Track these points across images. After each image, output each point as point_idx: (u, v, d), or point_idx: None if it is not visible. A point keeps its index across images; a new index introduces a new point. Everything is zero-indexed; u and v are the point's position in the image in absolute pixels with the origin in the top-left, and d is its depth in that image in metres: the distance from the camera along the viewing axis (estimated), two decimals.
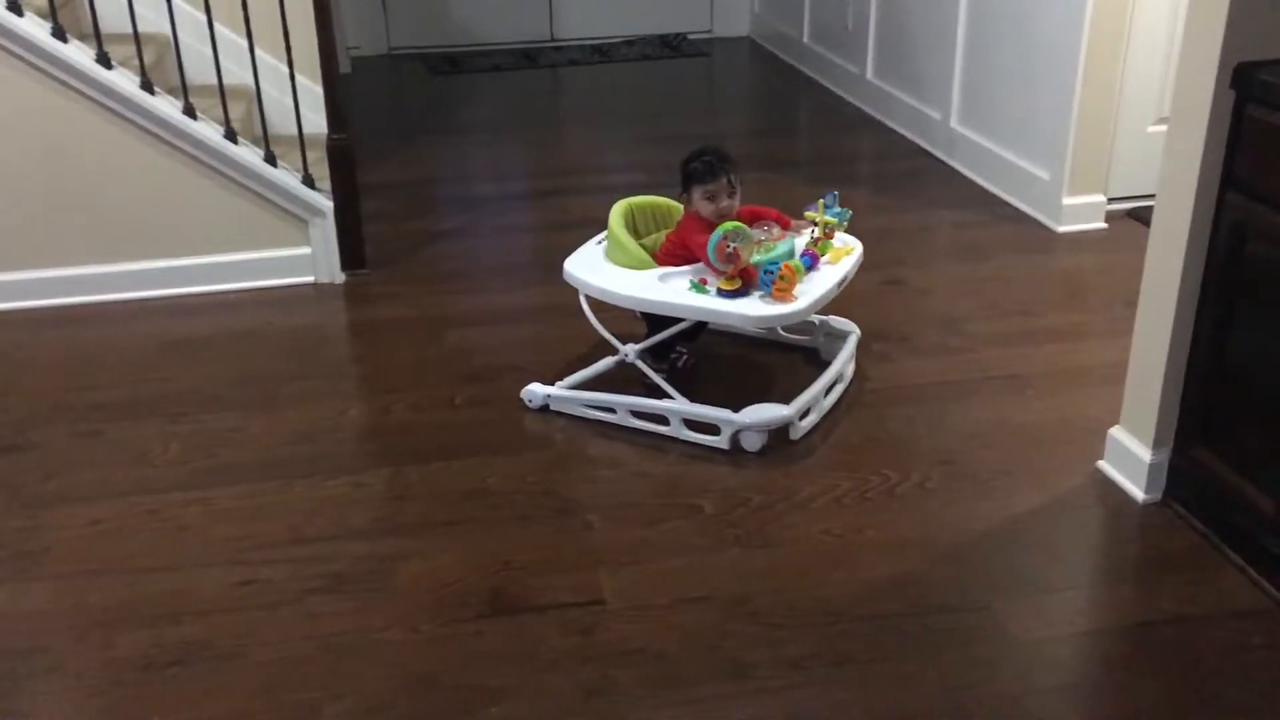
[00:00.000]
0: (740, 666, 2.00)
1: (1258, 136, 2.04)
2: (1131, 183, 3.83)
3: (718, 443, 2.62)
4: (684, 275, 2.63)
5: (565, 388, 2.79)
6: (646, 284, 2.63)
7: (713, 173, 2.66)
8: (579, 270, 2.75)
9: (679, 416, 2.66)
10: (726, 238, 2.47)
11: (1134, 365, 2.42)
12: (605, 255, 2.77)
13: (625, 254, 2.71)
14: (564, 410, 2.78)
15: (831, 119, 5.25)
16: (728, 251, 2.47)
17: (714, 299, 2.54)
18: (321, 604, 2.18)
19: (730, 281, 2.52)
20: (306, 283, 3.55)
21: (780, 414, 2.60)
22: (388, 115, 5.54)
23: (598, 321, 2.74)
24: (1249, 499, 2.13)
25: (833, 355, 2.91)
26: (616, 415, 2.72)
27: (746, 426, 2.59)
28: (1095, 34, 3.59)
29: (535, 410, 2.80)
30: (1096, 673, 2.02)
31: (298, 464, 2.62)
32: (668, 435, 2.67)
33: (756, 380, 2.91)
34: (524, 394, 2.81)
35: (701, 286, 2.57)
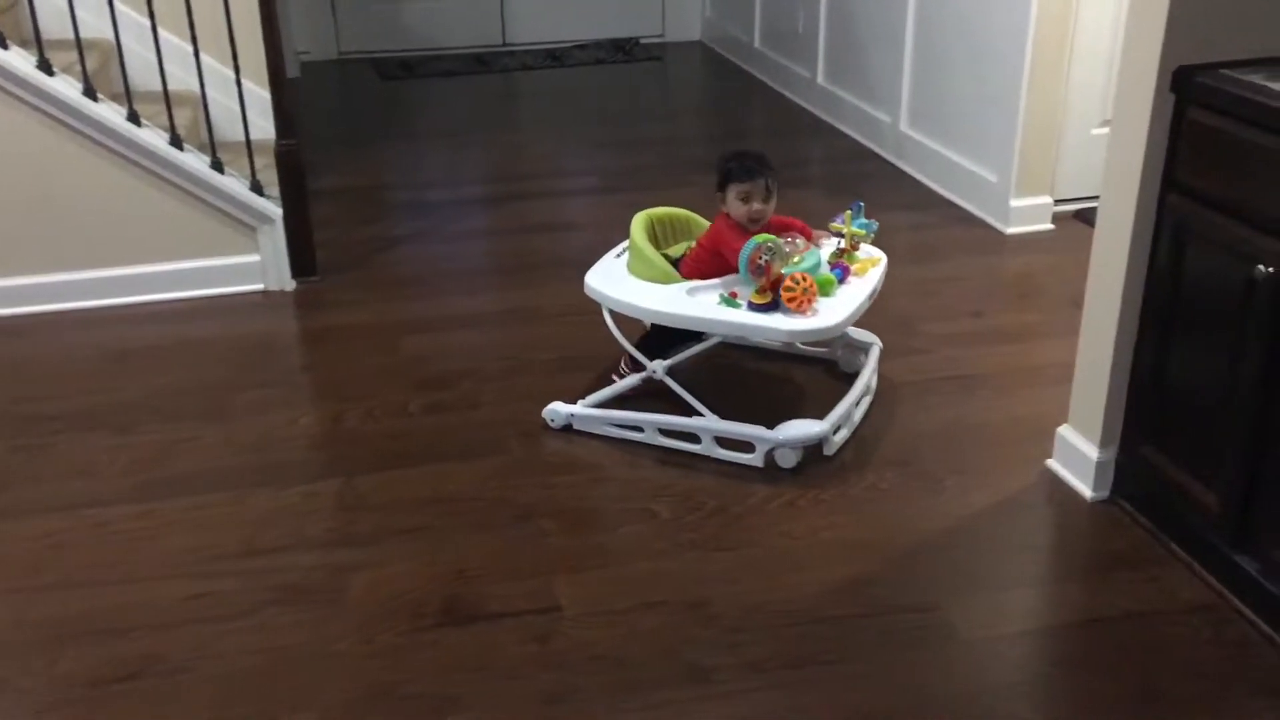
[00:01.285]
0: (699, 671, 2.01)
1: (1197, 139, 2.08)
2: (1077, 185, 3.90)
3: (751, 460, 2.55)
4: (713, 289, 2.55)
5: (588, 406, 2.70)
6: (675, 298, 2.54)
7: (750, 174, 2.58)
8: (602, 284, 2.65)
9: (711, 434, 2.58)
10: (759, 250, 2.41)
11: (1081, 365, 2.45)
12: (627, 268, 2.69)
13: (649, 267, 2.62)
14: (587, 430, 2.69)
15: (783, 122, 5.28)
16: (759, 264, 2.41)
17: (746, 313, 2.46)
18: (275, 616, 2.15)
19: (762, 295, 2.44)
20: (256, 290, 3.51)
21: (816, 430, 2.52)
22: (339, 120, 5.49)
23: (623, 337, 2.66)
24: (1194, 495, 2.17)
25: (852, 366, 2.89)
26: (644, 434, 2.64)
27: (783, 444, 2.52)
28: (1040, 39, 3.65)
29: (558, 429, 2.71)
30: (1048, 670, 2.05)
31: (249, 474, 2.59)
32: (699, 454, 2.59)
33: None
34: (546, 414, 2.72)
35: (732, 300, 2.49)
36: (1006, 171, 3.85)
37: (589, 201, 4.38)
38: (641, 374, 2.68)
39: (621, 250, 2.79)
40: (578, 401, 2.73)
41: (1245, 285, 1.98)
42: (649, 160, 4.75)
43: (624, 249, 2.78)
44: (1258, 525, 2.04)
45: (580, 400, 2.73)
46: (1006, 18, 3.75)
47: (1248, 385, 2.00)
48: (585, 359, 3.07)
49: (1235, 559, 2.10)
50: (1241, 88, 1.98)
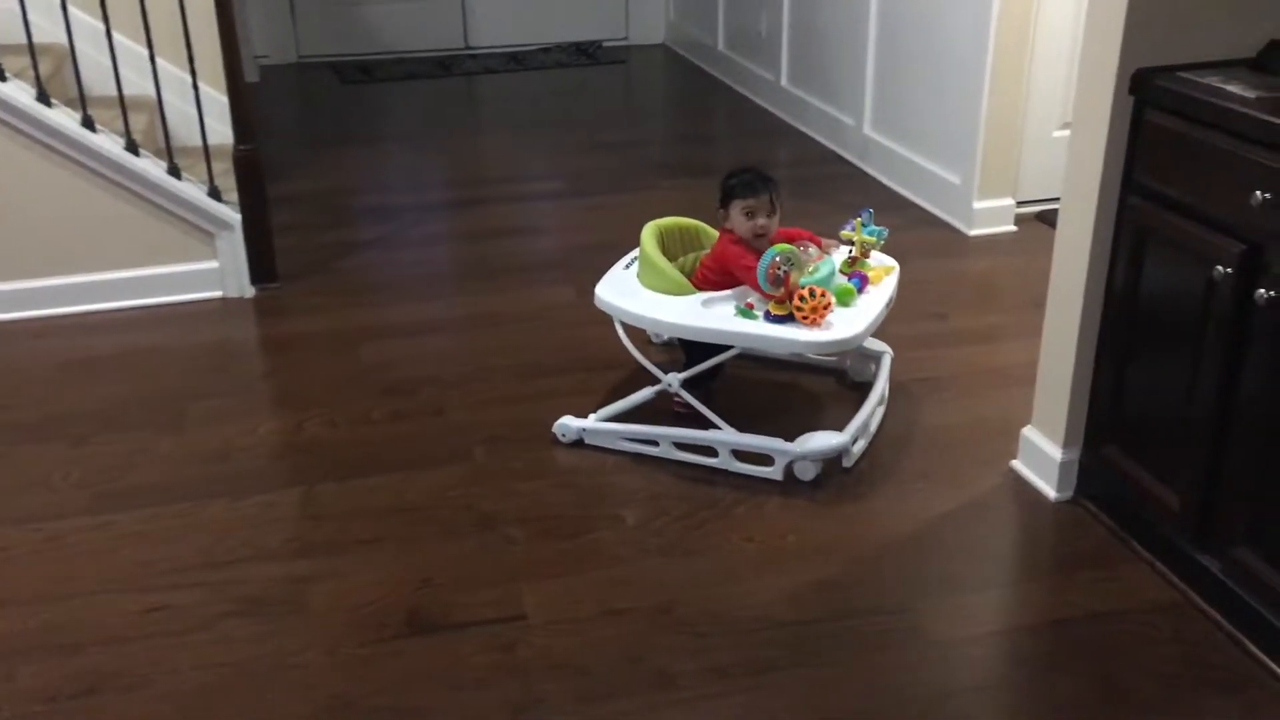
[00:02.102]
0: (666, 677, 1.99)
1: (1156, 141, 2.09)
2: (1039, 186, 3.92)
3: (770, 474, 2.51)
4: (728, 300, 2.51)
5: (600, 420, 2.65)
6: (689, 310, 2.50)
7: (754, 189, 2.55)
8: (613, 296, 2.61)
9: (728, 448, 2.54)
10: (777, 261, 2.37)
11: (1043, 365, 2.47)
12: (638, 279, 2.64)
13: (662, 279, 2.57)
14: (599, 444, 2.64)
15: (747, 125, 5.29)
16: (778, 274, 2.37)
17: (768, 325, 2.42)
18: (234, 629, 2.12)
19: (780, 306, 2.41)
20: (214, 298, 3.46)
21: (836, 442, 2.49)
22: (299, 125, 5.44)
23: (636, 350, 2.63)
24: (1155, 495, 2.19)
25: (862, 375, 2.87)
26: (659, 448, 2.59)
27: (802, 456, 2.49)
28: (1001, 42, 3.67)
29: (569, 445, 2.65)
30: (1013, 671, 2.06)
31: (207, 485, 2.55)
32: (716, 468, 2.54)
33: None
34: (556, 428, 2.66)
35: (749, 311, 2.45)
36: (969, 174, 3.87)
37: (552, 206, 4.36)
38: (656, 388, 2.64)
39: (630, 261, 2.74)
40: (589, 415, 2.67)
41: (1204, 286, 1.99)
42: (613, 164, 4.73)
43: (632, 260, 2.73)
44: (1218, 524, 2.06)
45: (592, 414, 2.67)
46: (968, 21, 3.77)
47: (1208, 385, 2.02)
48: (549, 364, 3.06)
49: (1196, 558, 2.12)
50: (1199, 90, 1.99)
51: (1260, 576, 1.96)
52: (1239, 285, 1.92)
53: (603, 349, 3.12)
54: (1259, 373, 1.92)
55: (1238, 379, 1.97)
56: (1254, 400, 1.93)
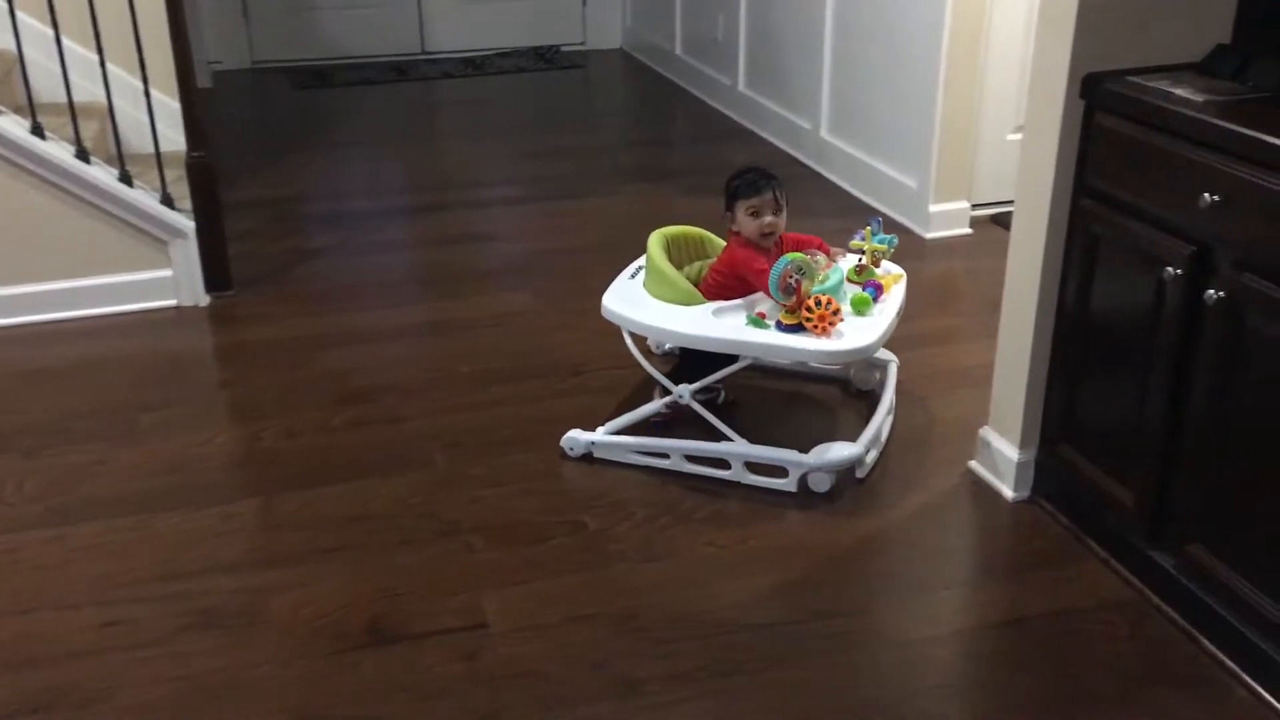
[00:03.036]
0: (629, 683, 1.99)
1: (1106, 144, 2.12)
2: (993, 189, 3.96)
3: (784, 485, 2.48)
4: (739, 309, 2.48)
5: (609, 433, 2.61)
6: (700, 320, 2.47)
7: (757, 187, 2.51)
8: (621, 307, 2.57)
9: (741, 460, 2.51)
10: (789, 269, 2.34)
11: (999, 367, 2.49)
12: (645, 289, 2.60)
13: (671, 288, 2.54)
14: (609, 457, 2.60)
15: (705, 130, 5.30)
16: (790, 283, 2.34)
17: (781, 335, 2.39)
18: (192, 642, 2.09)
19: (791, 315, 2.38)
20: (168, 306, 3.42)
21: (851, 453, 2.47)
22: (253, 131, 5.38)
23: (646, 361, 2.60)
24: (1110, 493, 2.22)
25: (866, 384, 2.86)
26: (670, 461, 2.55)
27: (817, 468, 2.46)
28: (954, 47, 3.71)
29: (576, 459, 2.61)
30: (974, 670, 2.08)
31: (163, 496, 2.51)
32: (729, 480, 2.51)
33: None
34: (564, 442, 2.61)
35: (760, 321, 2.43)
36: (925, 177, 3.91)
37: (511, 211, 4.34)
38: (666, 399, 2.62)
39: (635, 271, 2.70)
40: (598, 429, 2.62)
41: (1155, 287, 2.02)
42: (571, 169, 4.73)
43: (637, 269, 2.70)
44: (1172, 522, 2.09)
45: (600, 427, 2.62)
46: (922, 26, 3.81)
47: (1160, 385, 2.05)
48: (510, 370, 3.05)
49: (1151, 555, 2.15)
50: (1148, 94, 2.02)
51: (1213, 573, 1.99)
52: (1189, 286, 1.95)
53: (564, 354, 3.13)
54: (1209, 372, 1.95)
55: (1189, 378, 2.00)
56: (1205, 399, 1.97)
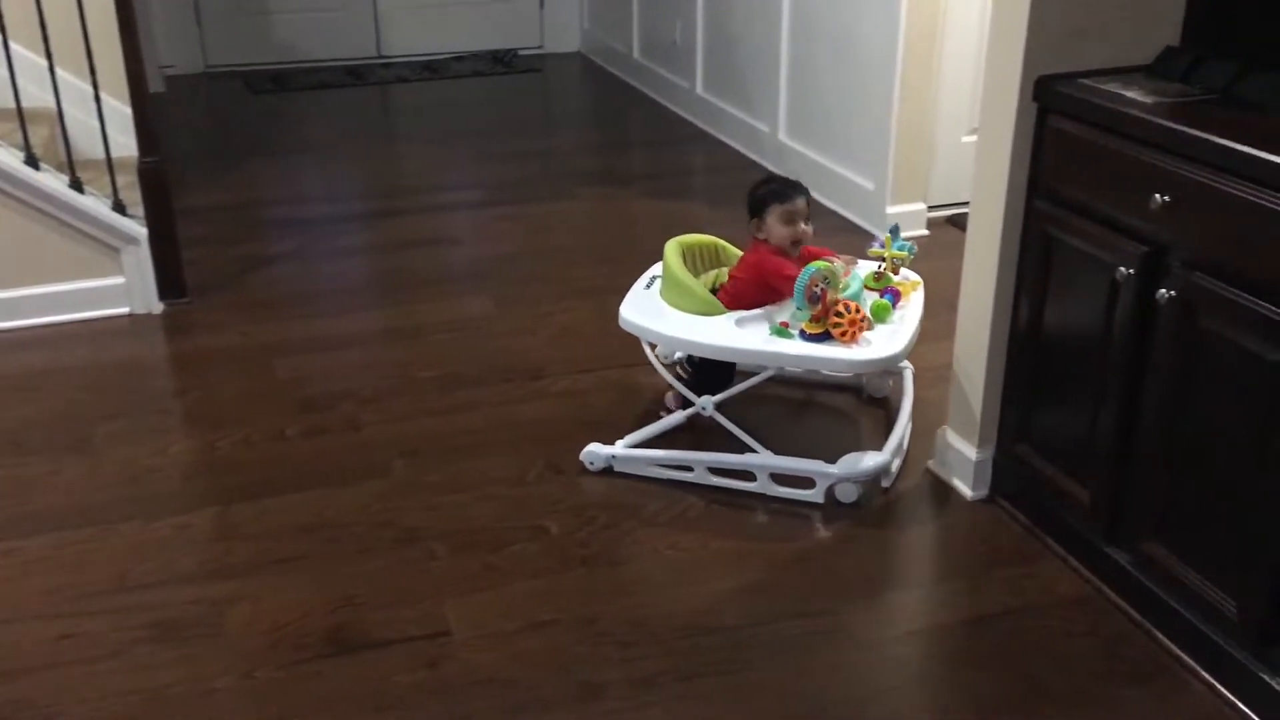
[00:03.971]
0: (592, 688, 1.98)
1: (1059, 146, 2.15)
2: (949, 191, 4.00)
3: (811, 496, 2.46)
4: (760, 319, 2.45)
5: (629, 446, 2.57)
6: (724, 330, 2.43)
7: (791, 194, 2.50)
8: (640, 317, 2.52)
9: (767, 471, 2.48)
10: (816, 278, 2.32)
11: (957, 367, 2.51)
12: (663, 299, 2.56)
13: (691, 298, 2.50)
14: (630, 471, 2.56)
15: (664, 133, 5.31)
16: (815, 292, 2.32)
17: (808, 345, 2.36)
18: (148, 655, 2.06)
19: (816, 324, 2.36)
20: (121, 314, 3.37)
21: (878, 462, 2.45)
22: (207, 136, 5.32)
23: (666, 372, 2.58)
24: (1067, 491, 2.24)
25: (880, 391, 2.86)
26: (694, 474, 2.52)
27: (846, 478, 2.44)
28: (909, 50, 3.74)
29: (596, 473, 2.57)
30: (935, 669, 2.09)
31: (117, 507, 2.48)
32: (754, 492, 2.49)
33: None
34: (584, 456, 2.57)
35: (784, 330, 2.40)
36: (882, 179, 3.93)
37: (469, 216, 4.33)
38: (688, 411, 2.59)
39: (650, 280, 2.66)
40: (616, 442, 2.58)
41: (1109, 287, 2.05)
42: (530, 173, 4.72)
43: (652, 279, 2.67)
44: (1128, 519, 2.12)
45: (619, 441, 2.59)
46: (877, 30, 3.84)
47: (1114, 383, 2.08)
48: (469, 376, 3.03)
49: (1107, 552, 2.17)
50: (1098, 96, 2.05)
51: (1168, 569, 2.02)
52: (1141, 286, 1.98)
53: (524, 359, 3.11)
54: (1162, 370, 1.97)
55: (1142, 377, 2.02)
56: (1159, 397, 1.99)
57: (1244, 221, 1.77)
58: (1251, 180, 1.75)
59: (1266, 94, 1.95)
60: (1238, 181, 1.77)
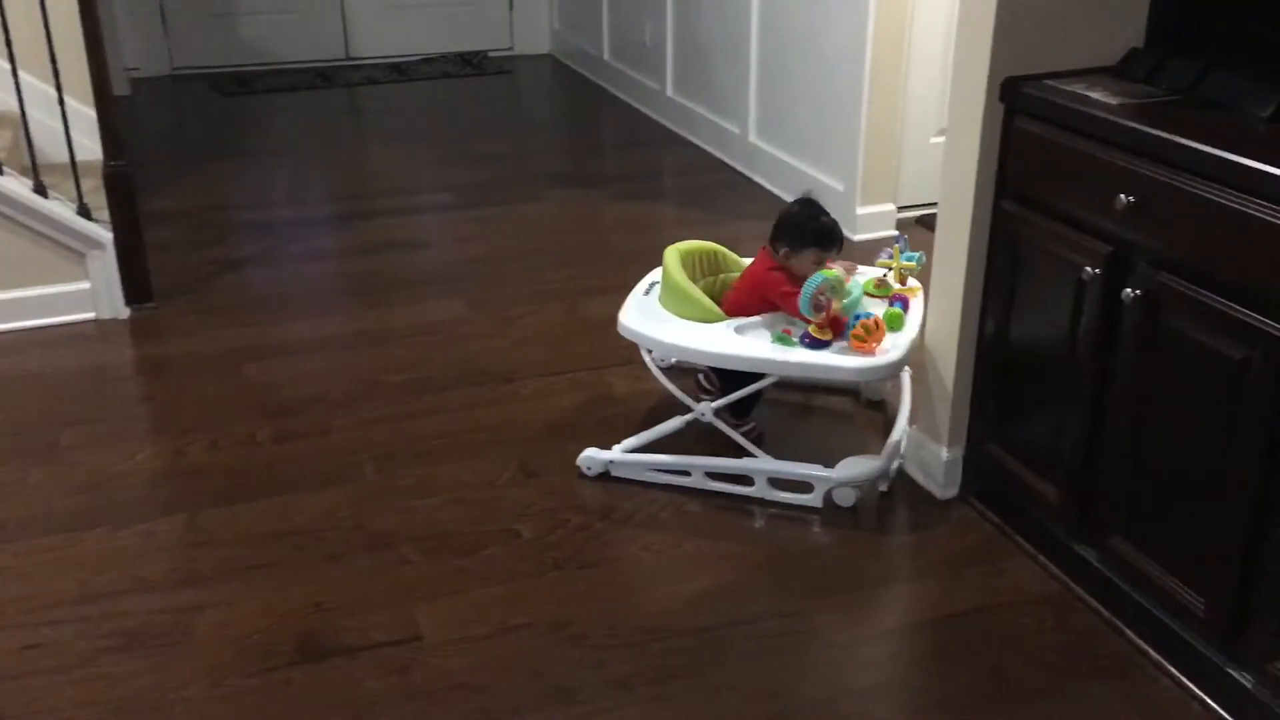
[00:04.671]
0: (564, 691, 1.98)
1: (1025, 146, 2.16)
2: (918, 192, 4.02)
3: (809, 500, 2.46)
4: (762, 327, 2.46)
5: (627, 451, 2.56)
6: (725, 338, 2.43)
7: (834, 245, 2.52)
8: (640, 325, 2.51)
9: (765, 476, 2.48)
10: (822, 287, 2.33)
11: (927, 366, 2.52)
12: (663, 306, 2.55)
13: (693, 306, 2.50)
14: (627, 476, 2.55)
15: (635, 135, 5.31)
16: (820, 301, 2.34)
17: (815, 354, 2.37)
18: (115, 664, 2.04)
19: (821, 331, 2.38)
20: (87, 319, 3.33)
21: (875, 466, 2.46)
22: (174, 139, 5.28)
23: (665, 378, 2.56)
24: (1036, 489, 2.26)
25: (877, 394, 2.86)
26: (692, 478, 2.52)
27: (844, 482, 2.45)
28: (878, 52, 3.75)
29: (593, 478, 2.55)
30: (905, 668, 2.10)
31: (83, 515, 2.45)
32: (752, 497, 2.49)
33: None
34: (581, 461, 2.56)
35: (787, 338, 2.41)
36: (852, 180, 3.95)
37: (439, 218, 4.31)
38: (686, 417, 2.57)
39: (649, 287, 2.65)
40: (614, 447, 2.57)
41: (1075, 287, 2.06)
42: (500, 175, 4.71)
43: (651, 285, 2.65)
44: (1095, 516, 2.13)
45: (617, 445, 2.57)
46: (846, 32, 3.85)
47: (1081, 382, 2.09)
48: (440, 379, 3.02)
49: (1076, 549, 2.19)
50: (1064, 97, 2.06)
51: (1135, 565, 2.04)
52: (1107, 285, 2.00)
53: (495, 362, 3.10)
54: (1128, 368, 1.99)
55: (1109, 375, 2.04)
56: (1124, 394, 2.01)
57: (1207, 221, 1.79)
58: (1214, 180, 1.77)
59: (1228, 94, 1.97)
60: (1201, 181, 1.79)
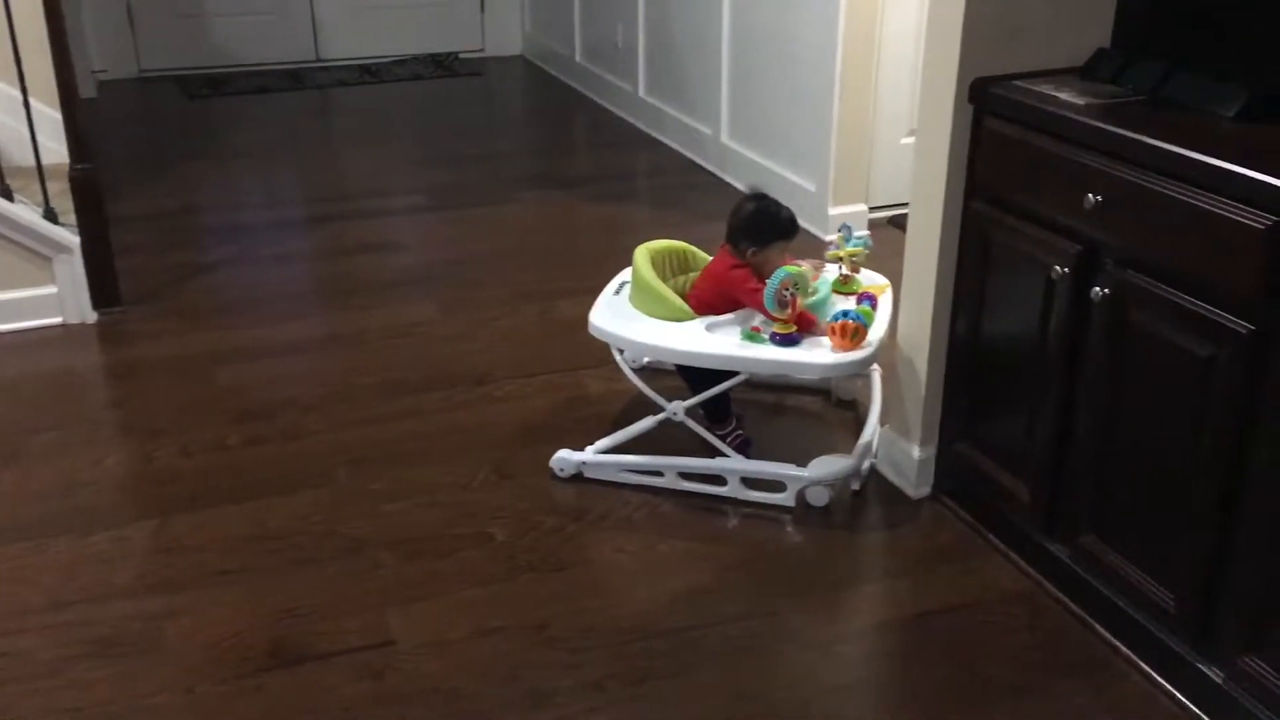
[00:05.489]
0: (540, 695, 1.98)
1: (994, 146, 2.18)
2: (889, 192, 4.04)
3: (782, 500, 2.46)
4: (732, 324, 2.46)
5: (599, 452, 2.55)
6: (696, 336, 2.43)
7: (795, 230, 2.53)
8: (611, 324, 2.50)
9: (738, 476, 2.49)
10: (786, 282, 2.33)
11: (899, 365, 2.53)
12: (634, 305, 2.54)
13: (663, 305, 2.49)
14: (600, 477, 2.54)
15: (607, 136, 5.31)
16: (785, 297, 2.34)
17: (786, 350, 2.37)
18: (84, 672, 2.01)
19: (785, 326, 2.38)
20: (54, 324, 3.30)
21: (848, 465, 2.47)
22: (142, 142, 5.23)
23: (637, 378, 2.55)
24: (1007, 487, 2.27)
25: (849, 394, 2.86)
26: (664, 479, 2.51)
27: (816, 481, 2.45)
28: (848, 53, 3.77)
29: (567, 480, 2.55)
30: (879, 666, 2.11)
31: (51, 522, 2.42)
32: (725, 496, 2.49)
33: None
34: (553, 463, 2.55)
35: (756, 335, 2.41)
36: (824, 181, 3.96)
37: (411, 220, 4.29)
38: (658, 416, 2.56)
39: (619, 287, 2.65)
40: (587, 448, 2.56)
41: (1045, 286, 2.08)
42: (472, 177, 4.69)
43: (621, 285, 2.65)
44: (1066, 514, 2.15)
45: (589, 447, 2.57)
46: (817, 33, 3.86)
47: (1051, 380, 2.11)
48: (413, 382, 3.01)
49: (1047, 547, 2.20)
50: (1032, 97, 2.08)
51: (1105, 561, 2.05)
52: (1076, 284, 2.01)
53: (468, 364, 3.09)
54: (1097, 366, 2.01)
55: (1079, 374, 2.06)
56: (1094, 392, 2.02)
57: (1174, 220, 1.81)
58: (1180, 179, 1.78)
59: (1194, 94, 1.99)
60: (1167, 180, 1.81)
